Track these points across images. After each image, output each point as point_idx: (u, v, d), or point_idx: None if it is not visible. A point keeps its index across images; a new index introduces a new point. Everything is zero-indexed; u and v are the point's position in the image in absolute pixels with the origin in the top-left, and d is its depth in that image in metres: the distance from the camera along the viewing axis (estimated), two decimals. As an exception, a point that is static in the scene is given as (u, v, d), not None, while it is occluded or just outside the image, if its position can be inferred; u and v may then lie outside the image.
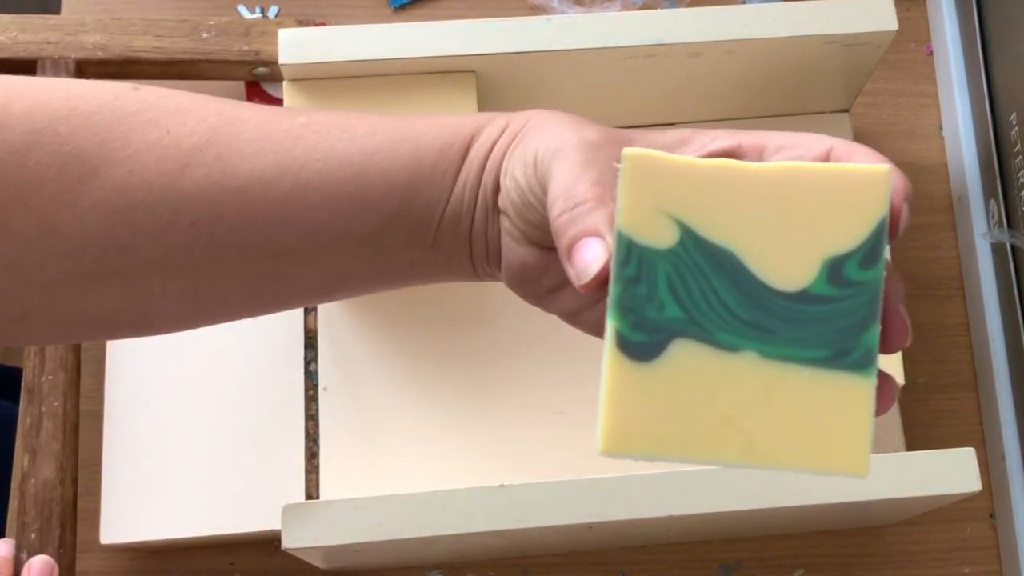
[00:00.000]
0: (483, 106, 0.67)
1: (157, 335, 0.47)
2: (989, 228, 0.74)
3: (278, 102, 0.74)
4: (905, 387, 0.64)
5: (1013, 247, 0.72)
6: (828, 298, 0.35)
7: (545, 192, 0.40)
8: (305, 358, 0.70)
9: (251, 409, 0.69)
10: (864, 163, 0.38)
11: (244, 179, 0.42)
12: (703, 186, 0.36)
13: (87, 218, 0.41)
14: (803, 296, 0.35)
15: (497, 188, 0.43)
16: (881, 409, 0.36)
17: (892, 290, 0.37)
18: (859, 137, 0.77)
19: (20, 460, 0.65)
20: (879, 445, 0.69)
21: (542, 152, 0.41)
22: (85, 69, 0.72)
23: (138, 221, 0.41)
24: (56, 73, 0.70)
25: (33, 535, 0.64)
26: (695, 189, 0.35)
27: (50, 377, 0.66)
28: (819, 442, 0.35)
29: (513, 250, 0.43)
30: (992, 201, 0.74)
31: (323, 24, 0.74)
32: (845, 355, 0.35)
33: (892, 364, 0.63)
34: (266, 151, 0.42)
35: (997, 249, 0.74)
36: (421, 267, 0.45)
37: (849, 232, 0.35)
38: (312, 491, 0.67)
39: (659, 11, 0.66)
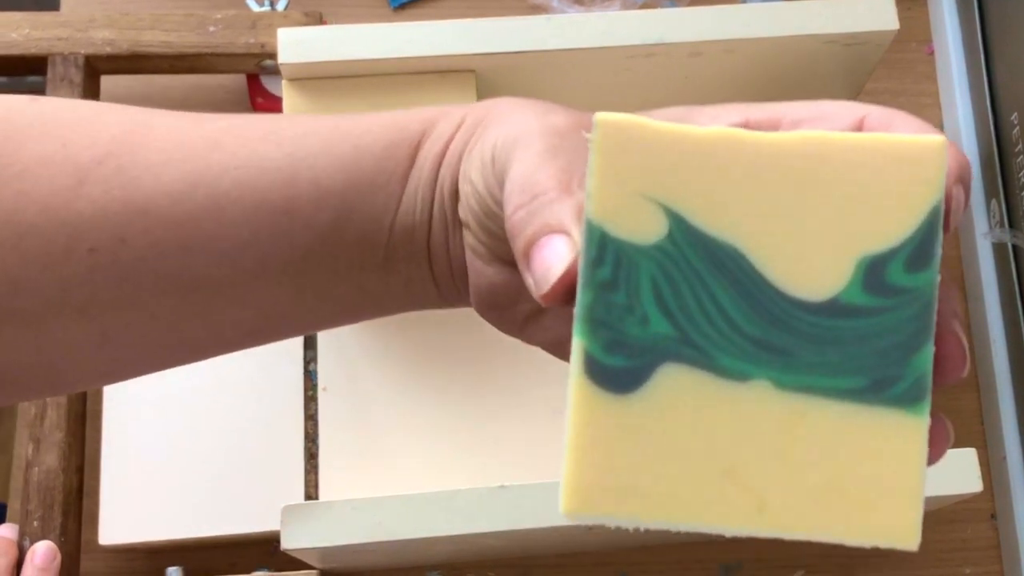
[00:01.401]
0: (483, 106, 0.67)
1: (73, 392, 0.40)
2: (990, 228, 0.74)
3: (279, 99, 0.74)
4: (906, 387, 0.64)
5: (1014, 247, 0.72)
6: (865, 310, 0.27)
7: None
8: (305, 358, 0.70)
9: (250, 409, 0.69)
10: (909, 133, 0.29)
11: (149, 194, 0.35)
12: (700, 163, 0.28)
13: None
14: (832, 307, 0.27)
15: (456, 195, 0.36)
16: (934, 457, 0.28)
17: (944, 300, 0.29)
18: (860, 137, 0.77)
19: (24, 449, 0.66)
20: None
21: (500, 145, 0.34)
22: (95, 65, 0.73)
23: (29, 250, 0.35)
24: (66, 69, 0.71)
25: (36, 523, 0.65)
26: (690, 167, 0.28)
27: (53, 370, 0.67)
28: (853, 503, 0.27)
29: (480, 270, 0.36)
30: (993, 201, 0.74)
31: (323, 23, 0.74)
32: (887, 386, 0.27)
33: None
34: (175, 160, 0.35)
35: (998, 249, 0.73)
36: (374, 295, 0.38)
37: (893, 224, 0.27)
38: (311, 492, 0.67)
39: (659, 11, 0.66)
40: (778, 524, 0.27)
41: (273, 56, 0.72)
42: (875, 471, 0.27)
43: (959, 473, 0.58)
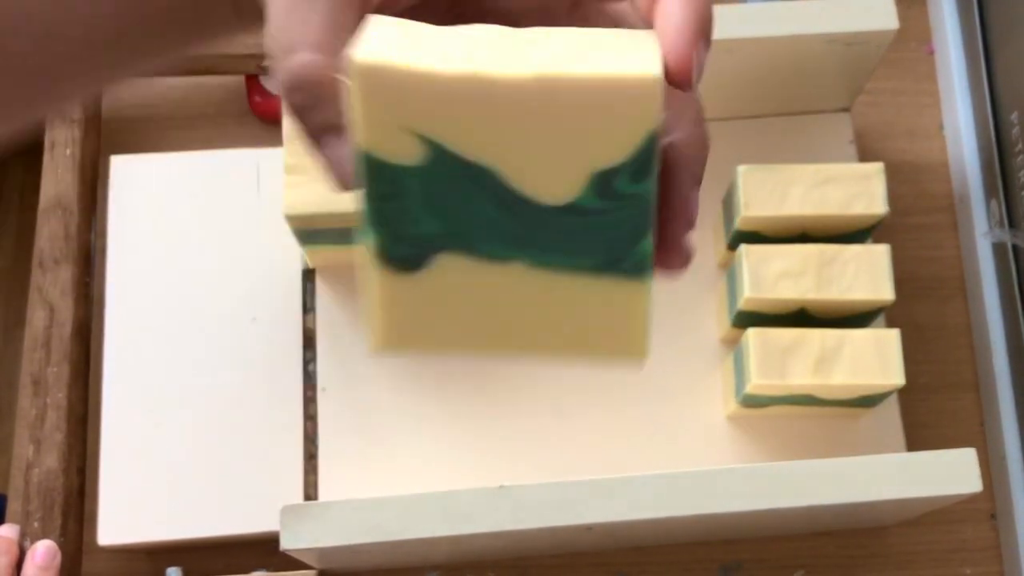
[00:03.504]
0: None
1: None
2: (990, 228, 0.74)
3: (277, 98, 0.74)
4: (906, 387, 0.64)
5: (1014, 247, 0.71)
6: (597, 210, 0.33)
7: None
8: (304, 358, 0.70)
9: (250, 410, 0.69)
10: (670, 23, 0.34)
11: None
12: (450, 100, 0.32)
13: None
14: (571, 209, 0.33)
15: None
16: (672, 271, 0.35)
17: (683, 203, 0.34)
18: (860, 137, 0.77)
19: (24, 450, 0.66)
20: (880, 446, 0.69)
21: None
22: None
23: None
24: None
25: (36, 524, 0.65)
26: (441, 103, 0.32)
27: (55, 369, 0.67)
28: (597, 332, 0.35)
29: None
30: (993, 200, 0.74)
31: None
32: (618, 262, 0.34)
33: (893, 364, 0.63)
34: None
35: (998, 249, 0.73)
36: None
37: (617, 146, 0.32)
38: (311, 492, 0.67)
39: (659, 10, 0.66)
40: (540, 346, 0.35)
41: (273, 56, 0.72)
42: (612, 312, 0.35)
43: (959, 473, 0.57)
